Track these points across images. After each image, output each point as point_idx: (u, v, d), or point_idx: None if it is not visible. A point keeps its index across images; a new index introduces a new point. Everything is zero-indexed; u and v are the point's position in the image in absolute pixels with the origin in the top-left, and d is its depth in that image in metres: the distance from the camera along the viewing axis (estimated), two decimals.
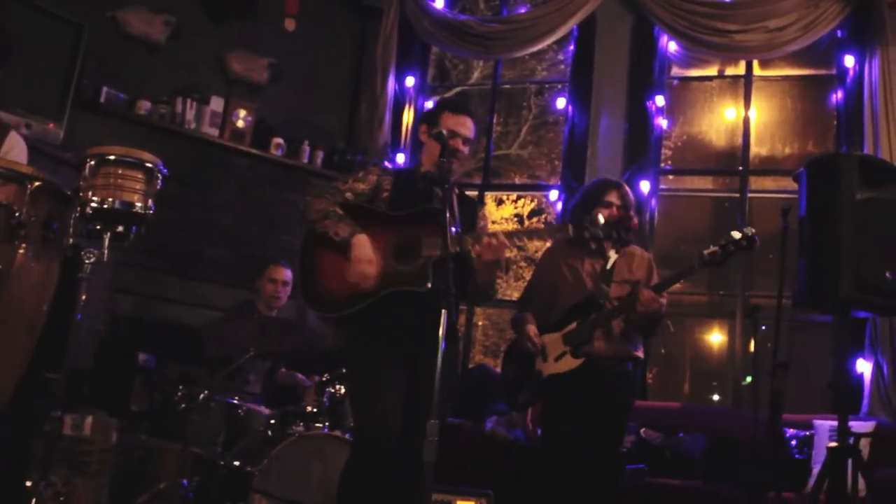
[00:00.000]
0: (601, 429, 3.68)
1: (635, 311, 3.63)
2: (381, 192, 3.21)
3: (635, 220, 3.53)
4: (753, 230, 3.44)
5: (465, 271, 3.10)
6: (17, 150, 3.25)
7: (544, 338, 3.78)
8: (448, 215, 2.96)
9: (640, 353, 3.87)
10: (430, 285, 2.92)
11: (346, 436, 4.13)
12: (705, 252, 3.49)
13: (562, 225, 3.20)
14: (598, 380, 3.69)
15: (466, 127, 3.22)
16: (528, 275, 8.24)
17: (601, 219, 3.10)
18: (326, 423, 4.22)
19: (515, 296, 7.03)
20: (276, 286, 4.94)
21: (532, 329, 3.78)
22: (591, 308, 3.75)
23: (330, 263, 3.09)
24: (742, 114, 6.27)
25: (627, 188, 3.99)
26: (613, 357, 3.75)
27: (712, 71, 6.73)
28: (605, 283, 3.80)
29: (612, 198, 3.86)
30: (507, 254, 3.06)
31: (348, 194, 3.18)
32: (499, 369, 4.99)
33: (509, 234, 3.05)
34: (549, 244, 4.39)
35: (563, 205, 6.20)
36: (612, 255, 3.86)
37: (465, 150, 3.23)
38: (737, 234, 3.45)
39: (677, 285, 3.91)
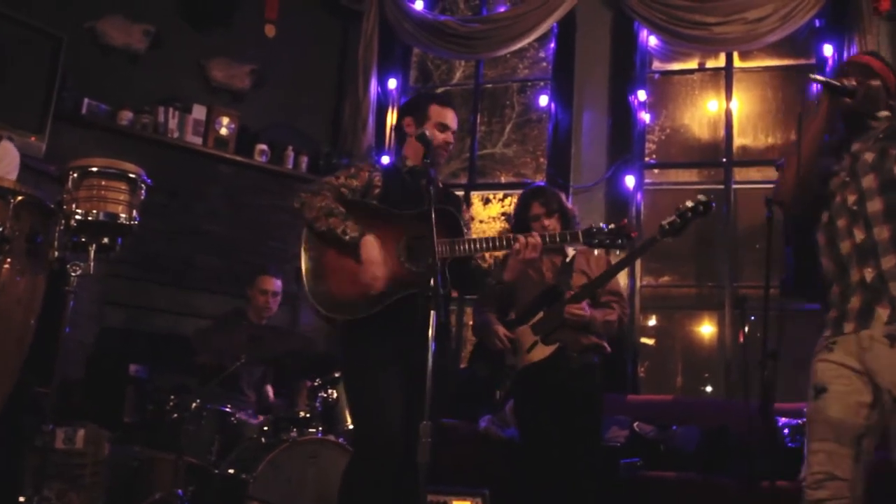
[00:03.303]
0: (575, 420, 3.73)
1: (561, 321, 3.75)
2: (373, 189, 3.19)
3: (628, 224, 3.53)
4: (706, 197, 3.51)
5: (464, 269, 3.13)
6: (8, 159, 3.26)
7: (511, 332, 3.82)
8: (457, 218, 3.05)
9: (605, 344, 3.92)
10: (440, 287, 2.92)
11: (340, 440, 4.13)
12: (664, 223, 3.55)
13: (574, 233, 3.21)
14: (565, 370, 3.75)
15: (454, 120, 3.26)
16: None
17: (611, 226, 3.14)
18: (320, 428, 4.21)
19: None
20: (266, 297, 4.93)
21: (501, 329, 3.82)
22: (555, 298, 3.80)
23: (336, 263, 3.04)
24: (724, 106, 6.30)
25: (550, 193, 4.02)
26: (579, 345, 3.81)
27: (693, 64, 6.76)
28: (567, 275, 3.86)
29: (536, 209, 3.93)
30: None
31: (343, 189, 3.14)
32: None
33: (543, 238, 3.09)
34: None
35: None
36: (571, 251, 3.92)
37: (453, 141, 3.26)
38: (690, 203, 3.52)
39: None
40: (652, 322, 8.53)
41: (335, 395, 4.39)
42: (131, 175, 2.92)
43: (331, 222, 3.02)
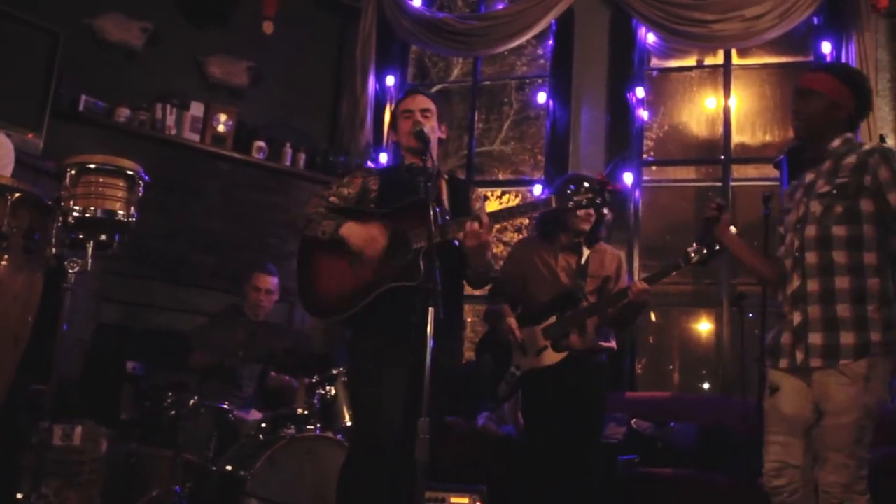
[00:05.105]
0: (583, 420, 3.73)
1: (618, 303, 3.69)
2: (369, 193, 3.22)
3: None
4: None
5: (458, 260, 3.09)
6: (2, 152, 3.24)
7: (521, 331, 3.80)
8: (436, 208, 2.99)
9: (613, 344, 3.92)
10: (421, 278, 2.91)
11: (339, 437, 4.13)
12: (691, 252, 3.52)
13: (546, 199, 3.17)
14: (576, 372, 3.74)
15: (415, 101, 3.27)
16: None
17: (585, 184, 3.05)
18: (318, 425, 4.22)
19: None
20: (259, 294, 4.89)
21: (513, 322, 3.81)
22: (569, 303, 3.79)
23: (325, 267, 3.11)
24: (722, 103, 6.31)
25: None
26: (590, 350, 3.80)
27: (691, 61, 6.77)
28: (581, 279, 3.84)
29: None
30: (494, 249, 3.07)
31: (333, 198, 3.22)
32: None
33: (495, 215, 3.06)
34: (519, 238, 4.39)
35: None
36: (586, 252, 3.91)
37: (426, 121, 3.20)
38: None
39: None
40: (650, 319, 8.54)
41: (333, 391, 4.40)
42: (129, 172, 2.91)
43: (311, 227, 3.14)
